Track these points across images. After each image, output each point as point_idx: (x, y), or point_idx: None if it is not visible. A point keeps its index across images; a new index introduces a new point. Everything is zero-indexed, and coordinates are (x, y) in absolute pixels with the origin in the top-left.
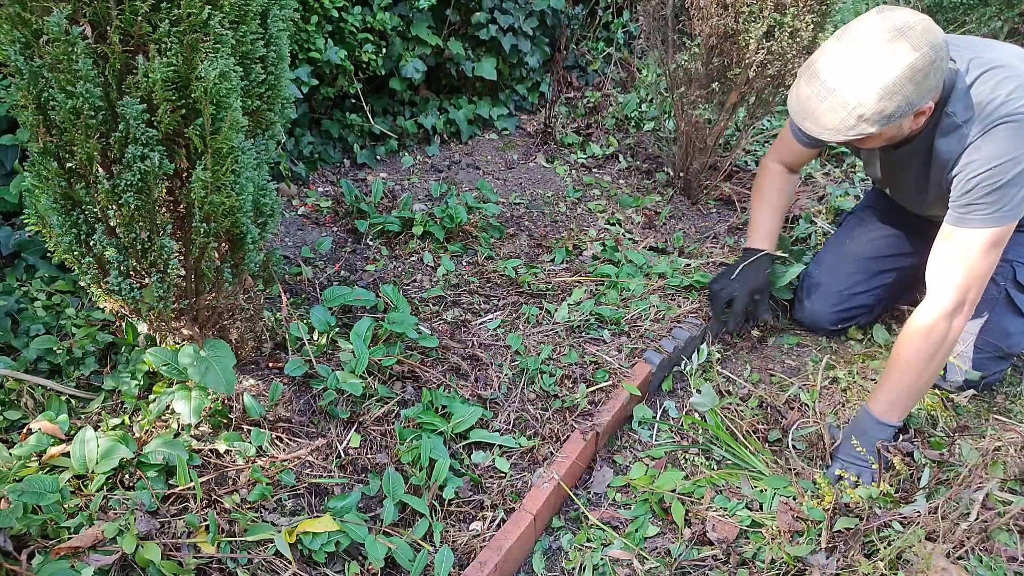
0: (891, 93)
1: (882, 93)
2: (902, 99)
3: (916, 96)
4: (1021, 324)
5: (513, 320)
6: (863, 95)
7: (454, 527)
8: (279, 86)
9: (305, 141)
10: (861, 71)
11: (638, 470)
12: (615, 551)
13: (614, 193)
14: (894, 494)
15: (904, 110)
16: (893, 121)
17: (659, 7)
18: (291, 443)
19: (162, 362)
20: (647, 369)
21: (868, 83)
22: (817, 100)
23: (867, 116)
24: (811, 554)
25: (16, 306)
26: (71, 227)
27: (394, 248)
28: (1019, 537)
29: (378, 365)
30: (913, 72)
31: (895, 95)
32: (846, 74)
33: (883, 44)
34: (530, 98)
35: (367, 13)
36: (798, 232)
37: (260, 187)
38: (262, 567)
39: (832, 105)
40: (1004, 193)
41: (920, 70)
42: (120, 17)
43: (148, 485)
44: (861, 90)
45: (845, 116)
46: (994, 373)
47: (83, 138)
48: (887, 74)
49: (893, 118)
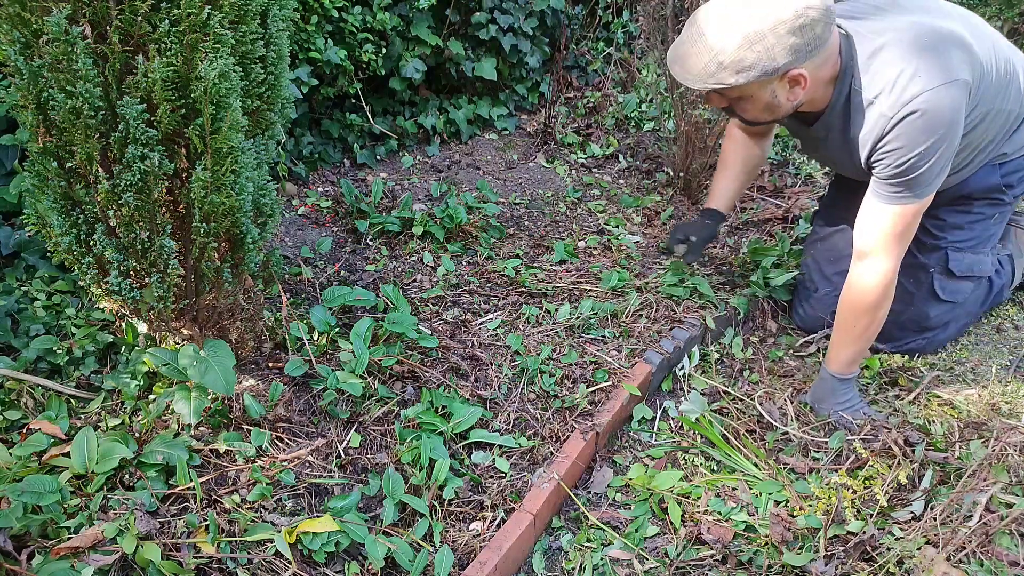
0: (751, 42)
1: (742, 41)
2: (762, 50)
3: (779, 52)
4: (940, 308)
5: (513, 320)
6: (725, 42)
7: (454, 527)
8: (279, 86)
9: (305, 141)
10: (730, 17)
11: (637, 470)
12: (615, 551)
13: (614, 193)
14: (895, 492)
15: (765, 65)
16: (752, 75)
17: (659, 7)
18: (291, 443)
19: (162, 362)
20: (647, 369)
21: (732, 30)
22: (688, 44)
23: (726, 64)
24: (810, 563)
25: (16, 306)
26: (71, 227)
27: (394, 248)
28: (1021, 541)
29: (378, 365)
30: (776, 24)
31: (755, 44)
32: (717, 20)
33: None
34: (530, 98)
35: (367, 13)
36: (798, 232)
37: (260, 187)
38: (262, 567)
39: (699, 50)
40: (928, 175)
41: (784, 22)
42: (120, 17)
43: (148, 485)
44: (725, 35)
45: (708, 62)
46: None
47: (83, 138)
48: (750, 23)
49: (752, 71)
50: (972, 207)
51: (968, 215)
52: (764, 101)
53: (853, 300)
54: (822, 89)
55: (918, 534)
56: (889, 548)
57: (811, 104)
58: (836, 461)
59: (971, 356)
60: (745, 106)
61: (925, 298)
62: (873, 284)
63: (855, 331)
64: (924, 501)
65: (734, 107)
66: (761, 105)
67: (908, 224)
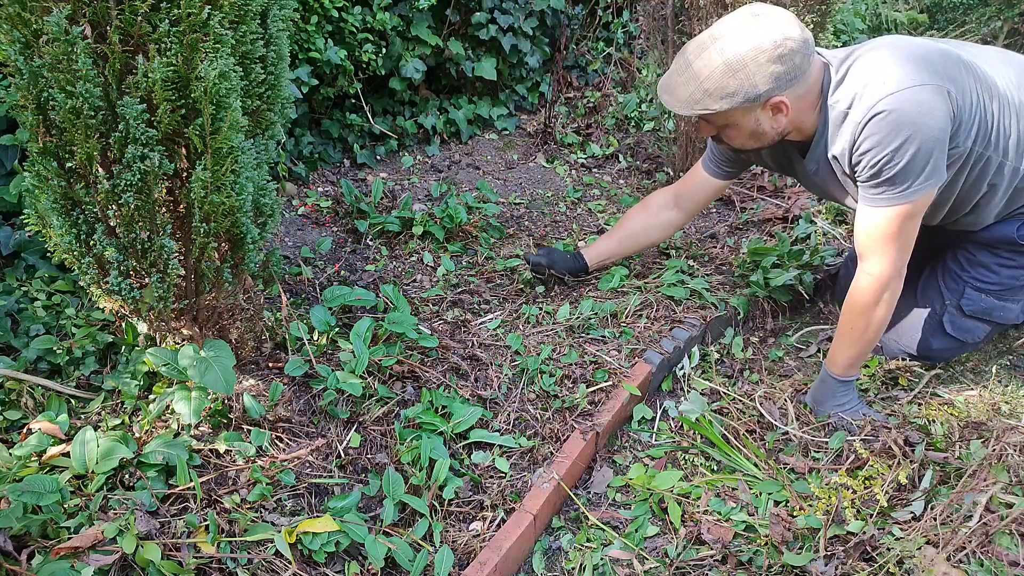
0: (734, 70)
1: (725, 68)
2: (744, 77)
3: (760, 79)
4: (944, 342)
5: (513, 320)
6: (710, 69)
7: (454, 527)
8: (279, 86)
9: (305, 141)
10: (713, 48)
11: (637, 470)
12: (615, 551)
13: (614, 193)
14: (895, 491)
15: (747, 92)
16: (736, 102)
17: (659, 7)
18: (291, 443)
19: (162, 362)
20: (647, 369)
21: (715, 58)
22: (676, 75)
23: (711, 90)
24: (810, 563)
25: (16, 306)
26: (71, 227)
27: (394, 248)
28: (1021, 541)
29: (378, 365)
30: (757, 53)
31: (738, 72)
32: (702, 51)
33: (738, 27)
34: (530, 98)
35: (367, 13)
36: (798, 232)
37: (260, 187)
38: (262, 567)
39: (687, 79)
40: (907, 176)
41: (764, 52)
42: (120, 17)
43: (148, 485)
44: (709, 65)
45: (694, 89)
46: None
47: (83, 138)
48: (733, 51)
49: (735, 97)
50: (1000, 251)
51: (997, 258)
52: (749, 128)
53: (850, 301)
54: (808, 116)
55: (918, 534)
56: (889, 548)
57: (799, 132)
58: (836, 461)
59: (971, 356)
60: (731, 133)
61: (932, 327)
62: (867, 286)
63: (853, 333)
64: (924, 501)
65: (722, 135)
66: (747, 132)
67: (899, 227)
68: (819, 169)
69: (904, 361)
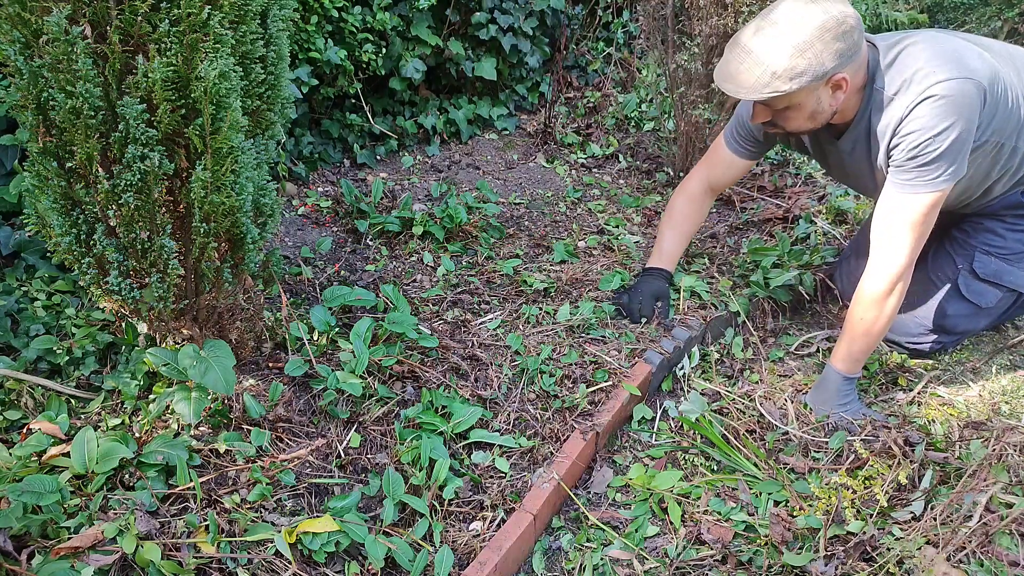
0: (801, 50)
1: (792, 50)
2: (812, 56)
3: (827, 57)
4: (960, 307)
5: (513, 320)
6: (776, 53)
7: (454, 527)
8: (279, 86)
9: (305, 141)
10: (775, 32)
11: (637, 470)
12: (615, 551)
13: (614, 193)
14: (895, 491)
15: (816, 70)
16: (804, 81)
17: (659, 7)
18: (291, 443)
19: (162, 362)
20: (647, 369)
21: (781, 42)
22: (736, 63)
23: (780, 72)
24: (810, 563)
25: (16, 306)
26: (71, 227)
27: (394, 248)
28: (1021, 541)
29: (378, 365)
30: (822, 32)
31: (805, 52)
32: (762, 37)
33: (796, 10)
34: (530, 98)
35: (367, 13)
36: (798, 232)
37: (260, 187)
38: (262, 567)
39: (749, 65)
40: (941, 162)
41: (829, 30)
42: (120, 17)
43: (148, 485)
44: (774, 49)
45: (760, 74)
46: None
47: (83, 138)
48: (798, 33)
49: (804, 77)
50: (1006, 217)
51: (1003, 223)
52: (809, 109)
53: (862, 292)
54: (854, 96)
55: (918, 534)
56: (889, 548)
57: (842, 115)
58: (836, 461)
59: (971, 356)
60: (790, 115)
61: (947, 293)
62: (884, 276)
63: (863, 324)
64: (924, 501)
65: (778, 118)
66: (807, 112)
67: (923, 216)
68: (855, 149)
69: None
